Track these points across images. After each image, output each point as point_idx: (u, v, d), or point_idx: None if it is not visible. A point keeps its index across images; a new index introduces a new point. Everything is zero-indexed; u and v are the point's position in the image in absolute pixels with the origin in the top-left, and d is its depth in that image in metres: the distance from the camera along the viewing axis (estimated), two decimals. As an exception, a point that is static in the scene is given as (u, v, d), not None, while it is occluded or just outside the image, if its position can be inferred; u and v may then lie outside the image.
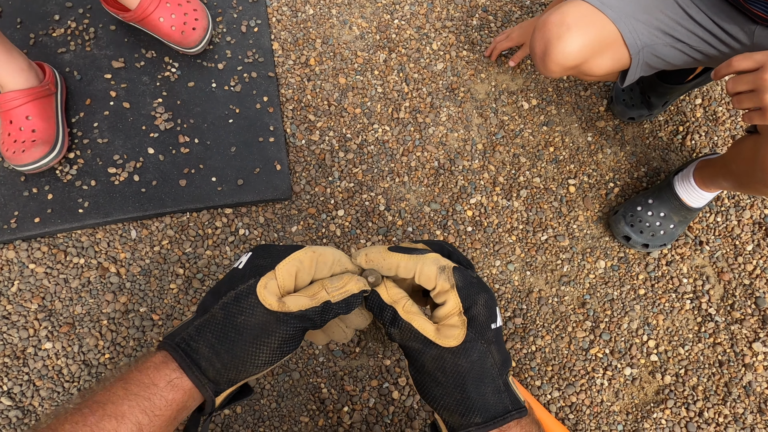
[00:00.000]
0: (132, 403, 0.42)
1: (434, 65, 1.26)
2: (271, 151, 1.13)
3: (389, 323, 0.48)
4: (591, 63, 0.91)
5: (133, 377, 0.43)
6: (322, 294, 0.47)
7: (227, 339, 0.44)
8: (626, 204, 1.13)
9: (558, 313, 1.09)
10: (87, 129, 1.09)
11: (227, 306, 0.45)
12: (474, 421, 0.47)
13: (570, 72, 0.94)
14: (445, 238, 1.12)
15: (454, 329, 0.48)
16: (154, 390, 0.42)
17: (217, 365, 0.44)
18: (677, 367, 1.06)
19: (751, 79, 0.69)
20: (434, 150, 1.19)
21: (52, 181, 1.05)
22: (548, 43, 0.89)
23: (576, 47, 0.88)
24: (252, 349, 0.45)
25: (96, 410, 0.41)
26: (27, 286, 1.00)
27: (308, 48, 1.24)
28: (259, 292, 0.45)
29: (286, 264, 0.46)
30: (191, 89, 1.15)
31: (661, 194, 1.10)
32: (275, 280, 0.45)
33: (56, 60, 1.13)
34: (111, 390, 0.42)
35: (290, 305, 0.45)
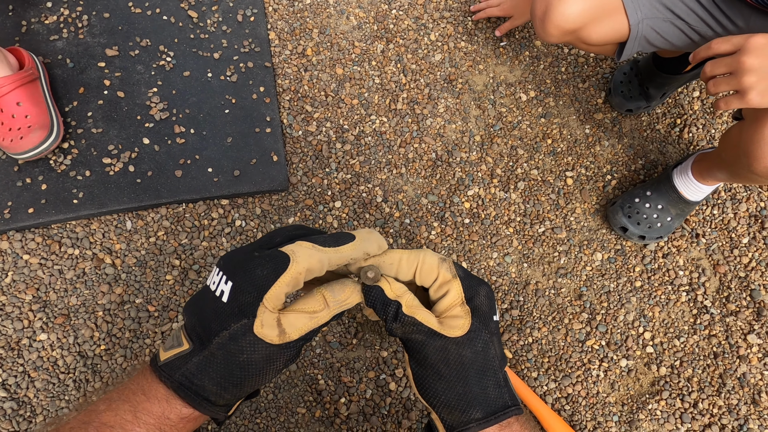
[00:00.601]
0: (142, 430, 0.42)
1: (432, 56, 1.25)
2: (267, 141, 1.12)
3: (392, 319, 0.47)
4: (590, 29, 0.91)
5: (141, 404, 0.43)
6: (323, 314, 0.45)
7: (233, 377, 0.44)
8: (624, 195, 1.13)
9: (555, 305, 1.09)
10: (81, 118, 1.08)
11: (225, 346, 0.43)
12: (474, 416, 0.47)
13: (568, 37, 0.94)
14: (442, 230, 1.12)
15: (458, 319, 0.47)
16: (167, 422, 0.43)
17: (225, 396, 0.44)
18: (672, 358, 1.07)
19: (728, 62, 0.70)
20: (432, 141, 1.18)
21: (45, 171, 1.04)
22: (549, 5, 0.90)
23: (577, 10, 0.88)
24: (258, 378, 0.45)
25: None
26: (21, 277, 0.99)
27: (305, 38, 1.23)
28: (258, 333, 0.43)
29: (273, 293, 0.43)
30: (187, 79, 1.14)
31: (659, 187, 1.10)
32: (267, 312, 0.43)
33: (48, 47, 1.12)
34: (118, 413, 0.42)
35: (291, 332, 0.43)
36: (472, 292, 0.48)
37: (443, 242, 1.11)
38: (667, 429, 1.02)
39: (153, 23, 1.17)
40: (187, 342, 0.45)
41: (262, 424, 0.96)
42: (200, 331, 0.44)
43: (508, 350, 1.05)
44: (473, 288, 0.48)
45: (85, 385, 0.95)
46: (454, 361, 0.47)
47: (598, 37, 0.93)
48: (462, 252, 1.11)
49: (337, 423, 0.97)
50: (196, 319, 0.45)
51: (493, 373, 0.48)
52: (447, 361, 0.47)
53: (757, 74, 0.67)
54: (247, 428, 0.95)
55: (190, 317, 0.46)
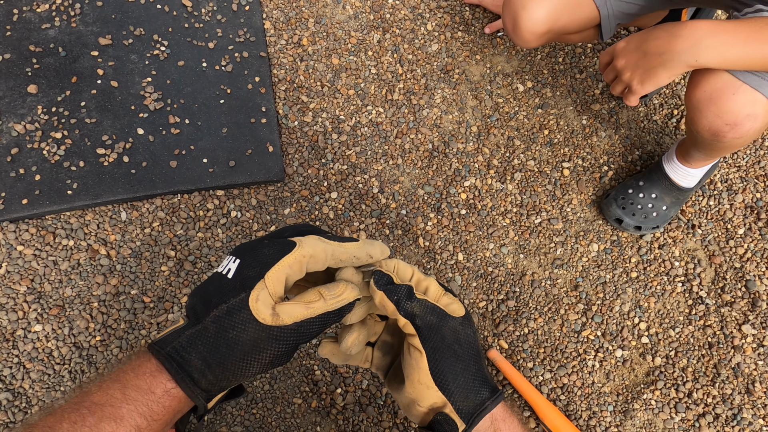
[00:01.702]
0: (131, 407, 0.42)
1: (429, 46, 1.24)
2: (263, 132, 1.11)
3: (406, 297, 0.48)
4: (562, 24, 0.96)
5: (129, 381, 0.43)
6: (319, 304, 0.45)
7: (219, 353, 0.44)
8: (618, 187, 1.13)
9: (551, 295, 1.09)
10: (74, 108, 1.07)
11: (219, 319, 0.44)
12: (485, 395, 0.49)
13: (546, 38, 0.98)
14: (438, 221, 1.12)
15: (452, 305, 0.50)
16: (152, 397, 0.43)
17: (209, 377, 0.44)
18: (667, 349, 1.07)
19: (611, 69, 0.86)
20: (428, 132, 1.18)
21: (39, 161, 1.03)
22: (515, 15, 0.96)
23: (542, 13, 0.94)
24: (243, 364, 0.44)
25: (95, 411, 0.41)
26: (15, 268, 0.98)
27: (301, 27, 1.22)
28: (252, 306, 0.43)
29: (276, 271, 0.44)
30: (181, 68, 1.13)
31: (651, 176, 1.10)
32: (266, 290, 0.44)
33: (40, 36, 1.10)
34: (108, 392, 0.42)
35: (284, 317, 0.44)
36: (444, 287, 0.52)
37: (439, 233, 1.11)
38: (661, 419, 1.02)
39: (147, 12, 1.16)
40: (184, 319, 0.46)
41: (258, 414, 0.96)
42: (199, 307, 0.45)
43: (504, 341, 1.05)
44: (444, 286, 0.53)
45: (80, 376, 0.95)
46: (464, 340, 0.49)
47: (573, 27, 0.98)
48: (458, 243, 1.11)
49: (333, 413, 0.97)
50: (197, 299, 0.46)
51: (483, 354, 0.52)
52: (459, 341, 0.49)
53: (629, 70, 0.82)
54: (244, 419, 0.96)
55: (191, 298, 0.47)
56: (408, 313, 0.48)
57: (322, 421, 0.97)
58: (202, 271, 1.02)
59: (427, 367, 0.48)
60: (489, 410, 0.48)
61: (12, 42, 1.09)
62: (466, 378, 0.48)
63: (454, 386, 0.48)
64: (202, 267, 1.03)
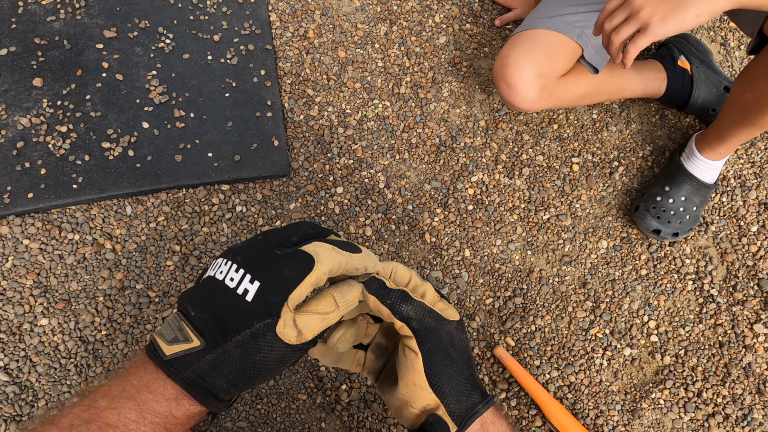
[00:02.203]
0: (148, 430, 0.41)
1: (437, 39, 1.23)
2: (268, 126, 1.10)
3: (401, 301, 0.48)
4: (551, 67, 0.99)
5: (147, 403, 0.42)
6: (334, 315, 0.46)
7: (246, 375, 0.44)
8: (645, 198, 1.09)
9: (558, 293, 1.08)
10: (79, 102, 1.06)
11: (244, 344, 0.43)
12: (476, 399, 0.49)
13: (545, 99, 1.02)
14: (445, 217, 1.10)
15: (447, 310, 0.51)
16: (173, 420, 0.43)
17: (232, 392, 0.45)
18: (677, 347, 1.06)
19: (621, 9, 0.75)
20: (435, 126, 1.16)
21: (44, 155, 1.03)
22: (507, 98, 1.02)
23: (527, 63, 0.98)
24: (268, 377, 0.46)
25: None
26: (21, 261, 0.99)
27: (307, 20, 1.20)
28: (280, 333, 0.44)
29: (299, 292, 0.44)
30: (186, 61, 1.12)
31: (675, 178, 1.08)
32: (290, 313, 0.44)
33: (45, 29, 1.10)
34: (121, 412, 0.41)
35: (306, 333, 0.45)
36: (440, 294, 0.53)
37: (446, 229, 1.10)
38: (670, 418, 1.01)
39: (152, 4, 1.15)
40: (197, 338, 0.44)
41: (263, 410, 0.96)
42: (214, 327, 0.44)
43: (511, 338, 1.04)
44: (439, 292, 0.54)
45: (86, 370, 0.95)
46: (459, 344, 0.50)
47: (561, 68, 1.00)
48: (465, 239, 1.09)
49: (338, 410, 0.97)
50: (209, 315, 0.44)
51: (473, 359, 0.53)
52: (454, 344, 0.50)
53: (649, 5, 0.71)
54: (249, 414, 0.95)
55: (200, 311, 0.45)
56: (404, 316, 0.49)
57: (326, 417, 0.97)
58: (207, 266, 1.02)
59: (422, 368, 0.48)
60: (480, 413, 0.48)
61: (17, 35, 1.09)
62: (460, 381, 0.49)
63: (448, 389, 0.48)
64: (207, 262, 1.02)
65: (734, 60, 1.28)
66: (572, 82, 1.05)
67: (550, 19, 1.01)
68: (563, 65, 1.01)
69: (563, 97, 1.05)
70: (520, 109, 1.03)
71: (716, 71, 1.18)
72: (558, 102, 1.06)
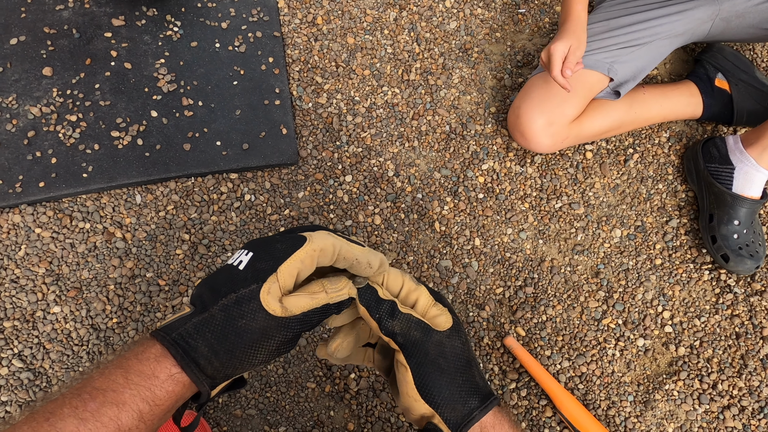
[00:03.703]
0: (133, 392, 0.42)
1: (447, 24, 1.20)
2: (277, 114, 1.09)
3: (387, 316, 0.49)
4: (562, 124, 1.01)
5: (132, 366, 0.43)
6: (322, 295, 0.47)
7: (227, 340, 0.44)
8: (723, 239, 1.02)
9: (570, 282, 1.06)
10: (88, 91, 1.06)
11: (228, 308, 0.44)
12: (473, 405, 0.49)
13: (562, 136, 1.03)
14: (455, 205, 1.09)
15: (440, 317, 0.51)
16: (156, 381, 0.43)
17: (215, 364, 0.44)
18: (692, 338, 1.04)
19: None
20: (446, 113, 1.14)
21: (55, 144, 1.03)
22: (524, 146, 1.06)
23: (542, 122, 1.00)
24: (251, 351, 0.45)
25: (96, 396, 0.41)
26: (34, 250, 1.00)
27: (315, 6, 1.19)
28: (263, 298, 0.44)
29: (288, 266, 0.45)
30: (194, 49, 1.11)
31: (733, 208, 1.02)
32: (277, 284, 0.45)
33: (54, 17, 1.10)
34: (110, 377, 0.42)
35: (292, 308, 0.45)
36: (437, 296, 0.53)
37: (456, 217, 1.08)
38: (684, 410, 0.99)
39: (159, -8, 1.14)
40: (189, 307, 0.46)
41: (272, 398, 0.96)
42: (206, 295, 0.46)
43: (521, 328, 1.03)
44: (436, 293, 0.53)
45: (98, 357, 0.96)
46: (449, 353, 0.49)
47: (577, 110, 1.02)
48: (475, 228, 1.08)
49: (347, 398, 0.97)
50: (205, 287, 0.46)
51: (476, 363, 0.51)
52: (444, 354, 0.49)
53: None
54: (258, 402, 0.96)
55: (199, 288, 0.47)
56: (389, 331, 0.49)
57: (335, 406, 0.97)
58: (216, 255, 1.02)
59: (412, 381, 0.49)
60: (477, 419, 0.48)
61: (27, 24, 1.09)
62: (452, 390, 0.49)
63: (440, 399, 0.49)
64: (216, 250, 1.03)
65: None
66: (589, 122, 1.04)
67: None
68: (577, 108, 1.01)
69: (582, 136, 1.05)
70: (539, 153, 1.07)
71: (761, 84, 1.11)
72: (578, 141, 1.06)
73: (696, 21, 1.02)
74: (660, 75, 1.21)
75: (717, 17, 1.01)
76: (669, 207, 1.12)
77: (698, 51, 1.20)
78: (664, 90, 1.11)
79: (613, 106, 1.05)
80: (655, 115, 1.10)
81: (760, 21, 0.99)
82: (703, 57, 1.15)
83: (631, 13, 1.02)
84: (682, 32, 1.03)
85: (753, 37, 1.04)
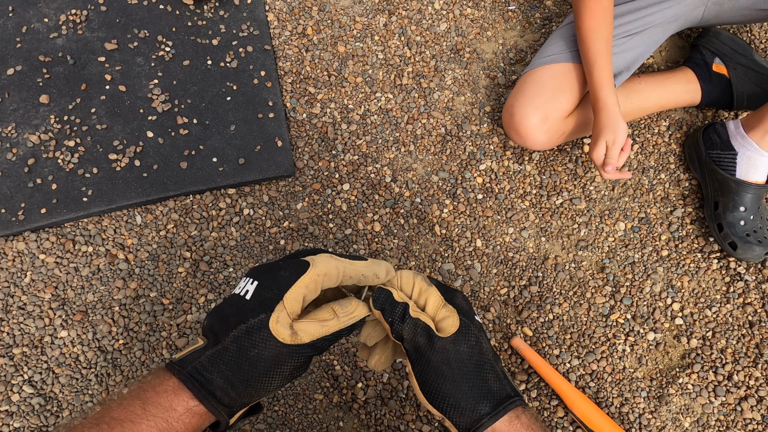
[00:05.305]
0: (150, 423, 0.43)
1: (437, 26, 1.20)
2: (271, 127, 1.10)
3: (399, 319, 0.49)
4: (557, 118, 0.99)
5: (150, 398, 0.44)
6: (333, 323, 0.48)
7: (241, 371, 0.45)
8: (730, 227, 1.00)
9: (576, 279, 1.05)
10: (85, 115, 1.08)
11: (239, 339, 0.45)
12: (483, 411, 0.48)
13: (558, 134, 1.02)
14: (455, 207, 1.08)
15: (447, 319, 0.50)
16: (173, 414, 0.44)
17: (231, 394, 0.45)
18: (704, 329, 1.01)
19: None
20: (440, 116, 1.14)
21: (54, 170, 1.05)
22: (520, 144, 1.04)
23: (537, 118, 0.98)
24: (265, 379, 0.46)
25: (114, 426, 0.42)
26: (39, 276, 1.01)
27: (305, 17, 1.19)
28: (272, 328, 0.45)
29: (294, 293, 0.46)
30: (186, 68, 1.12)
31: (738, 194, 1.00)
32: (285, 311, 0.46)
33: (49, 46, 1.11)
34: (128, 408, 0.44)
35: (303, 336, 0.46)
36: (450, 295, 0.52)
37: (456, 220, 1.08)
38: (699, 403, 0.97)
39: (150, 13, 1.15)
40: (202, 339, 0.48)
41: (280, 411, 0.96)
42: (217, 327, 0.47)
43: (528, 328, 1.01)
44: (449, 292, 0.53)
45: (106, 379, 0.97)
46: (454, 359, 0.49)
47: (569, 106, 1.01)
48: (476, 229, 1.07)
49: (355, 408, 0.97)
50: (215, 319, 0.48)
51: (490, 366, 0.50)
52: (448, 361, 0.49)
53: None
54: (266, 416, 0.96)
55: (209, 319, 0.48)
56: (399, 335, 0.50)
57: (344, 416, 0.96)
58: (218, 271, 1.02)
59: (418, 386, 0.50)
60: (486, 426, 0.48)
61: (22, 53, 1.11)
62: (458, 397, 0.48)
63: (445, 405, 0.49)
64: (218, 266, 1.03)
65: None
66: (584, 115, 1.03)
67: (561, 54, 1.00)
68: (570, 101, 0.99)
69: (578, 130, 1.04)
70: (536, 150, 1.06)
71: (760, 66, 1.08)
72: (574, 136, 1.05)
73: (688, 6, 1.00)
74: (656, 63, 1.19)
75: (709, 1, 1.00)
76: (672, 197, 1.10)
77: (694, 36, 1.18)
78: (661, 78, 1.09)
79: None
80: (653, 105, 1.08)
81: (753, 2, 0.97)
82: (699, 42, 1.13)
83: (622, 2, 1.01)
84: (675, 18, 1.01)
85: (748, 19, 1.02)
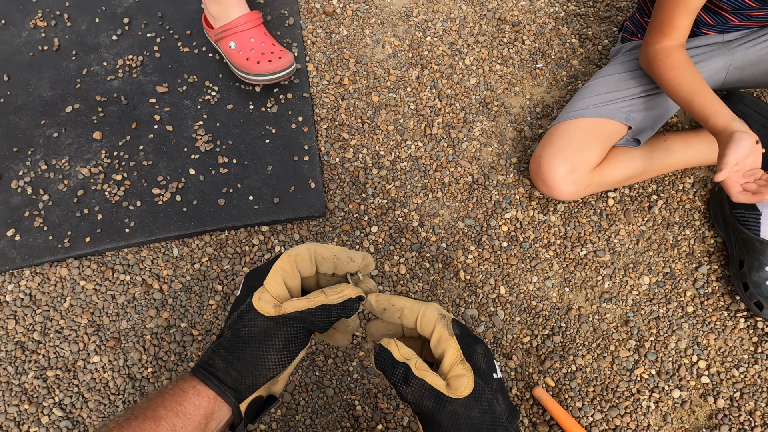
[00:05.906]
0: (167, 408, 0.49)
1: (467, 80, 1.26)
2: (305, 169, 1.15)
3: (401, 381, 0.49)
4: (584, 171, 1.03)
5: (167, 390, 0.51)
6: (320, 298, 0.52)
7: (237, 350, 0.51)
8: (755, 287, 1.01)
9: (599, 331, 1.05)
10: (133, 152, 1.15)
11: (233, 325, 0.52)
12: None
13: (584, 186, 1.05)
14: (479, 254, 1.11)
15: (461, 379, 0.48)
16: (184, 396, 0.50)
17: (232, 373, 0.51)
18: (731, 390, 1.00)
19: None
20: (468, 165, 1.18)
21: (101, 202, 1.11)
22: (547, 194, 1.08)
23: (564, 170, 1.02)
24: (259, 353, 0.51)
25: (138, 415, 0.49)
26: (78, 301, 1.05)
27: (342, 68, 1.27)
28: (255, 304, 0.51)
29: (272, 276, 0.52)
30: (230, 111, 1.20)
31: (763, 254, 1.00)
32: (267, 292, 0.52)
33: (105, 87, 1.20)
34: (150, 401, 0.51)
35: (286, 308, 0.51)
36: (470, 350, 0.50)
37: (480, 266, 1.10)
38: (727, 467, 0.95)
39: (199, 60, 1.24)
40: None
41: (300, 449, 0.97)
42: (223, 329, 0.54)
43: (550, 378, 1.01)
44: (470, 346, 0.51)
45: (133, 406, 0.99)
46: (464, 424, 0.48)
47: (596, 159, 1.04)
48: (500, 276, 1.09)
49: (374, 450, 0.96)
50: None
51: (503, 429, 0.49)
52: (458, 426, 0.48)
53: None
54: (286, 453, 0.96)
55: None
56: (403, 398, 0.50)
57: (363, 458, 0.96)
58: (247, 305, 1.06)
59: None
60: None
61: (81, 93, 1.20)
62: None
63: None
64: (247, 301, 1.06)
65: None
66: (610, 169, 1.06)
67: (588, 109, 1.04)
68: (597, 153, 1.03)
69: (604, 183, 1.07)
70: (562, 200, 1.09)
71: None
72: (600, 188, 1.08)
73: (710, 71, 1.04)
74: (680, 122, 1.23)
75: (731, 66, 1.03)
76: (698, 253, 1.10)
77: (718, 98, 1.21)
78: (687, 137, 1.12)
79: (634, 154, 1.07)
80: (678, 162, 1.11)
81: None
82: None
83: None
84: None
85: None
